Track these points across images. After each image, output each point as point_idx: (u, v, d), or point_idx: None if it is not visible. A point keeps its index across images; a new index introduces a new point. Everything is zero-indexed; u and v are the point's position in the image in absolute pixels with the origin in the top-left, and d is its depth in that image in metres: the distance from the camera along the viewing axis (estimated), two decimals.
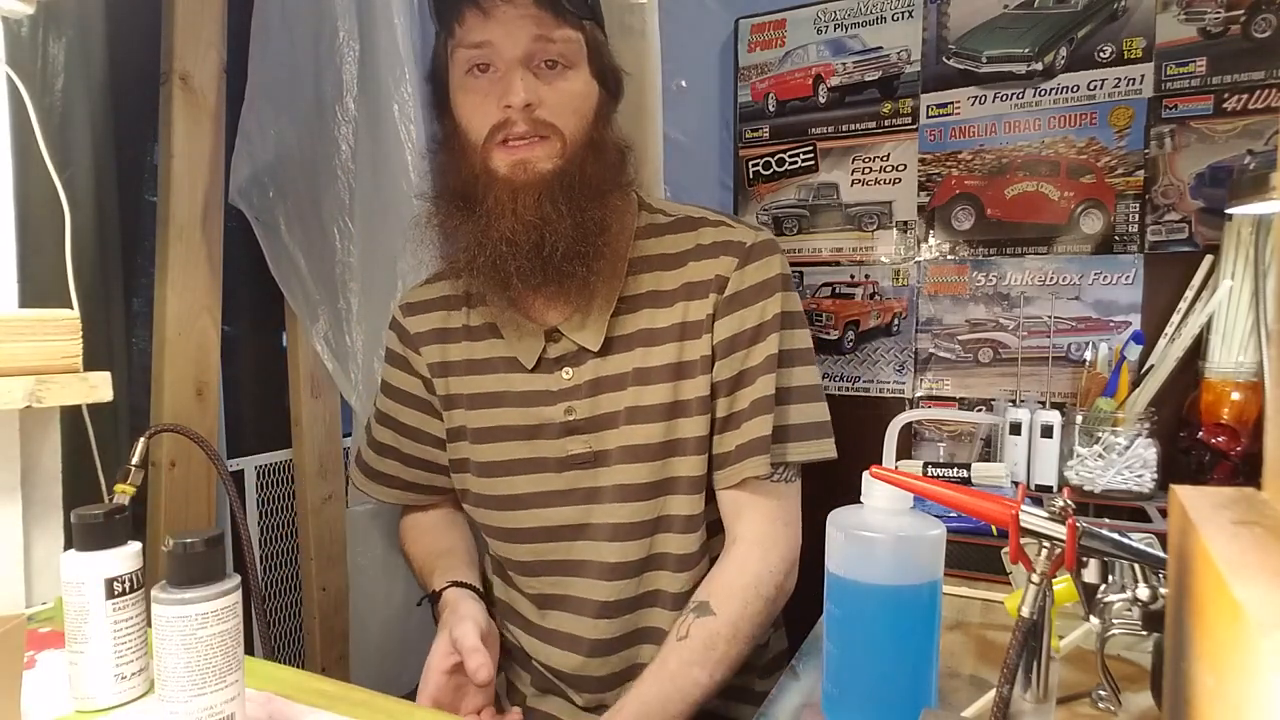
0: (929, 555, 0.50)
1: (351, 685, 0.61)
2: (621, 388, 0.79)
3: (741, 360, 0.78)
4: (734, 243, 0.79)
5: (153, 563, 0.97)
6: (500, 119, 0.72)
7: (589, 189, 0.74)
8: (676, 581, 0.79)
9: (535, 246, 0.72)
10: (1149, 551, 0.53)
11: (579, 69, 0.75)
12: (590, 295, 0.78)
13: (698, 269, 0.79)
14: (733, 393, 0.78)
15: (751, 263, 0.79)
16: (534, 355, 0.80)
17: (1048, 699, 0.54)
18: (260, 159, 1.22)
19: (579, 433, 0.79)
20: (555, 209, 0.72)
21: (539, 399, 0.81)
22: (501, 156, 0.73)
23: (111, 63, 1.03)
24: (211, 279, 1.11)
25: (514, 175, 0.73)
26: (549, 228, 0.72)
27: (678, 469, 0.78)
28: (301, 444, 1.32)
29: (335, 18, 1.23)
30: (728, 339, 0.78)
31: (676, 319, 0.78)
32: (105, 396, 0.69)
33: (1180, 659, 0.35)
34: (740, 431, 0.77)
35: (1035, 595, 0.50)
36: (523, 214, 0.72)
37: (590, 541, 0.80)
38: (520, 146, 0.73)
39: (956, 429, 1.28)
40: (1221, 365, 1.02)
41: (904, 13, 1.28)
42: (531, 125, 0.72)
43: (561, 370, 0.80)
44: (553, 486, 0.81)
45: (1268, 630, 0.22)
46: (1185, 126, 1.10)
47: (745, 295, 0.78)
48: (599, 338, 0.78)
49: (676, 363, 0.78)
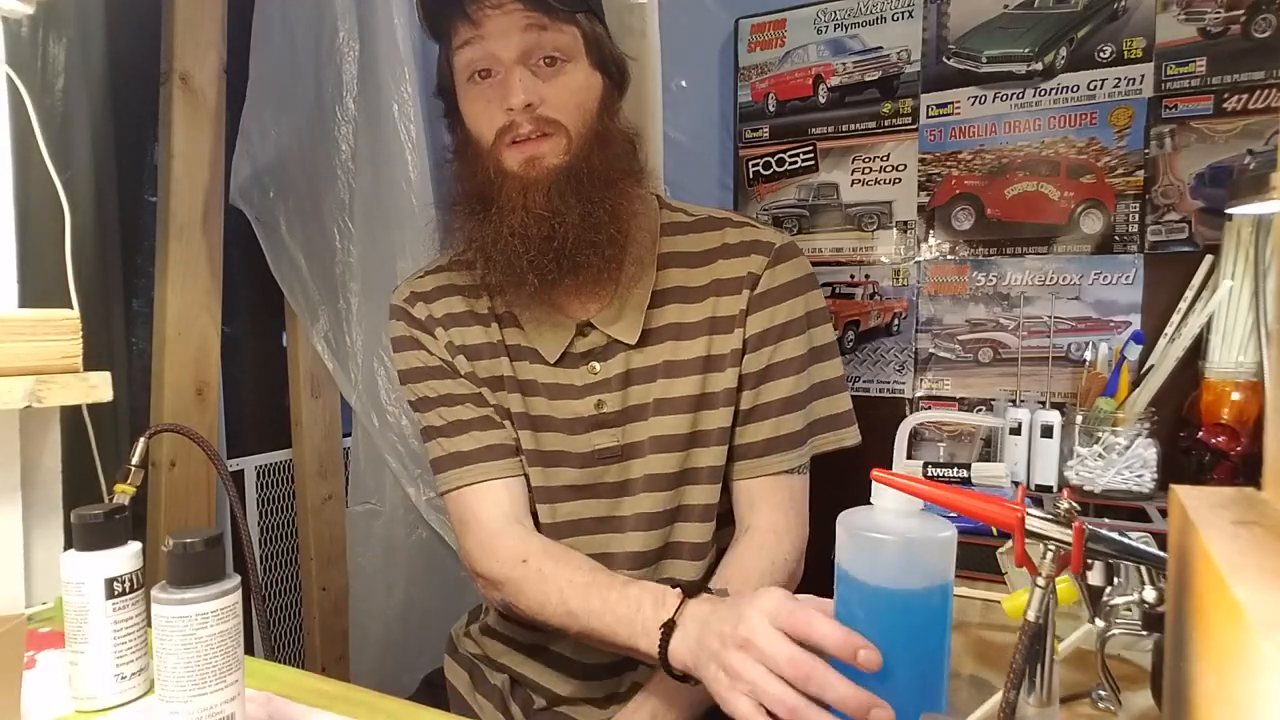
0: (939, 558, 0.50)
1: (351, 685, 0.61)
2: (651, 380, 0.80)
3: (769, 355, 0.80)
4: (763, 242, 0.82)
5: (153, 563, 0.97)
6: (505, 121, 0.74)
7: (598, 180, 0.75)
8: (690, 570, 0.81)
9: (546, 238, 0.74)
10: (1155, 554, 0.53)
11: (578, 61, 0.76)
12: (624, 288, 0.80)
13: (727, 266, 0.81)
14: (758, 386, 0.80)
15: (782, 262, 0.81)
16: (558, 349, 0.81)
17: (1051, 702, 0.54)
18: (260, 159, 1.22)
19: (608, 426, 0.80)
20: (564, 202, 0.74)
21: (564, 393, 0.81)
22: (511, 155, 0.75)
23: (111, 63, 1.03)
24: (211, 279, 1.12)
25: (524, 172, 0.74)
26: (558, 219, 0.74)
27: (700, 459, 0.80)
28: (301, 444, 1.32)
29: (335, 18, 1.23)
30: (758, 334, 0.80)
31: (707, 314, 0.80)
32: (105, 396, 0.69)
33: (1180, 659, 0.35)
34: (766, 426, 0.79)
35: (1040, 599, 0.50)
36: (532, 208, 0.73)
37: (616, 534, 0.82)
38: (527, 144, 0.74)
39: (956, 429, 1.28)
40: (1221, 365, 1.02)
41: (904, 13, 1.28)
42: (535, 124, 0.74)
43: (589, 364, 0.81)
44: (575, 480, 0.81)
45: (1268, 630, 0.22)
46: (1185, 126, 1.10)
47: (777, 293, 0.81)
48: (635, 331, 0.80)
49: (705, 356, 0.80)
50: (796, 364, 0.80)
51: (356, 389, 1.29)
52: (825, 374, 0.83)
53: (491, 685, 0.88)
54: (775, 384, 0.80)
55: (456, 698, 0.91)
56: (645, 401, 0.80)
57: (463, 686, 0.91)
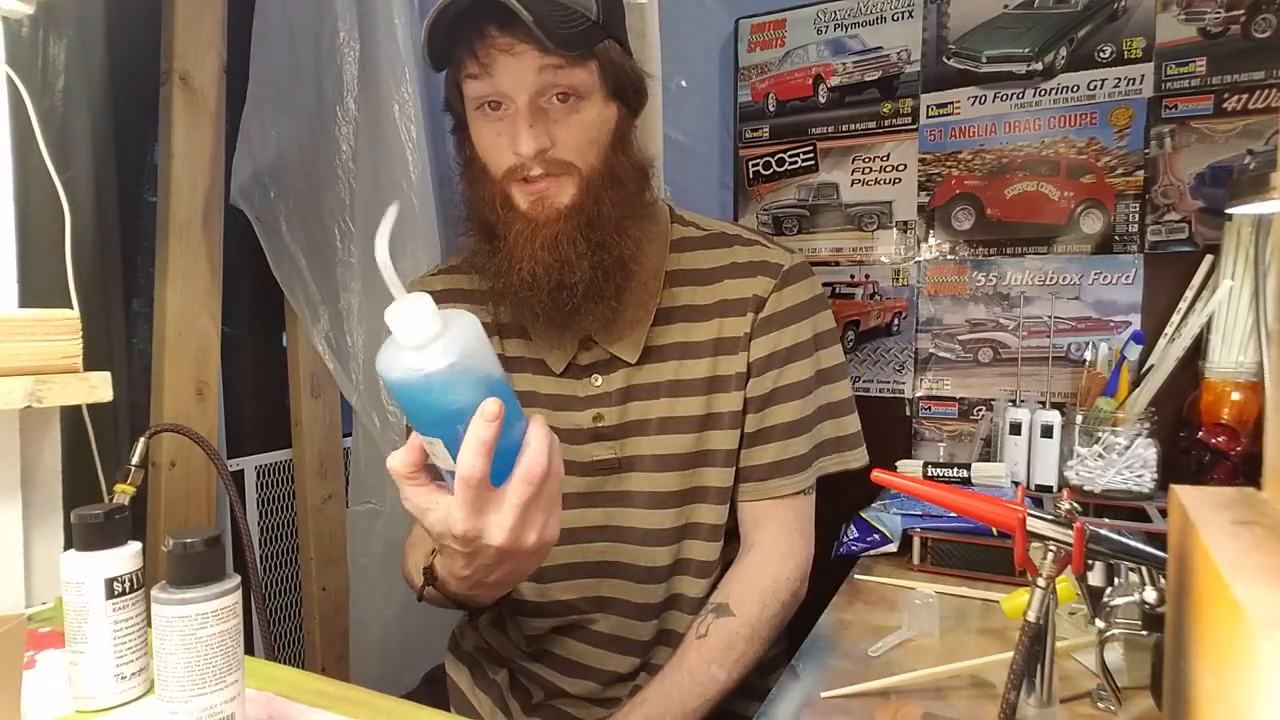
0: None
1: (351, 685, 0.61)
2: (654, 397, 0.80)
3: (774, 379, 0.79)
4: (770, 264, 0.81)
5: (153, 563, 0.97)
6: (514, 163, 0.72)
7: (608, 224, 0.73)
8: (696, 587, 0.81)
9: (555, 287, 0.72)
10: (1155, 554, 0.53)
11: (593, 97, 0.72)
12: (629, 308, 0.79)
13: (734, 287, 0.80)
14: (763, 409, 0.79)
15: (789, 285, 0.80)
16: (563, 360, 0.81)
17: (1051, 703, 0.54)
18: (261, 159, 1.22)
19: (605, 439, 0.80)
20: (574, 249, 0.71)
21: (566, 403, 0.81)
22: (520, 193, 0.73)
23: (111, 63, 1.03)
24: (211, 279, 1.12)
25: (532, 212, 0.72)
26: (567, 269, 0.71)
27: (707, 479, 0.80)
28: (301, 444, 1.32)
29: (335, 18, 1.23)
30: (763, 358, 0.79)
31: (712, 334, 0.80)
32: (105, 396, 0.69)
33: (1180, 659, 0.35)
34: (772, 449, 0.79)
35: (1041, 600, 0.50)
36: (540, 255, 0.71)
37: (622, 544, 0.82)
38: (538, 183, 0.72)
39: (956, 429, 1.28)
40: (1221, 365, 1.02)
41: (904, 13, 1.28)
42: (546, 166, 0.71)
43: (590, 376, 0.81)
44: (574, 489, 0.82)
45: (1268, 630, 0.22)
46: (1185, 126, 1.10)
47: (782, 317, 0.80)
48: (636, 350, 0.79)
49: (711, 376, 0.79)
50: (802, 388, 0.80)
51: (357, 389, 1.29)
52: (833, 395, 0.83)
53: (491, 680, 0.89)
54: (780, 408, 0.79)
55: (457, 694, 0.91)
56: (646, 418, 0.80)
57: (463, 683, 0.91)
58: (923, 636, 0.78)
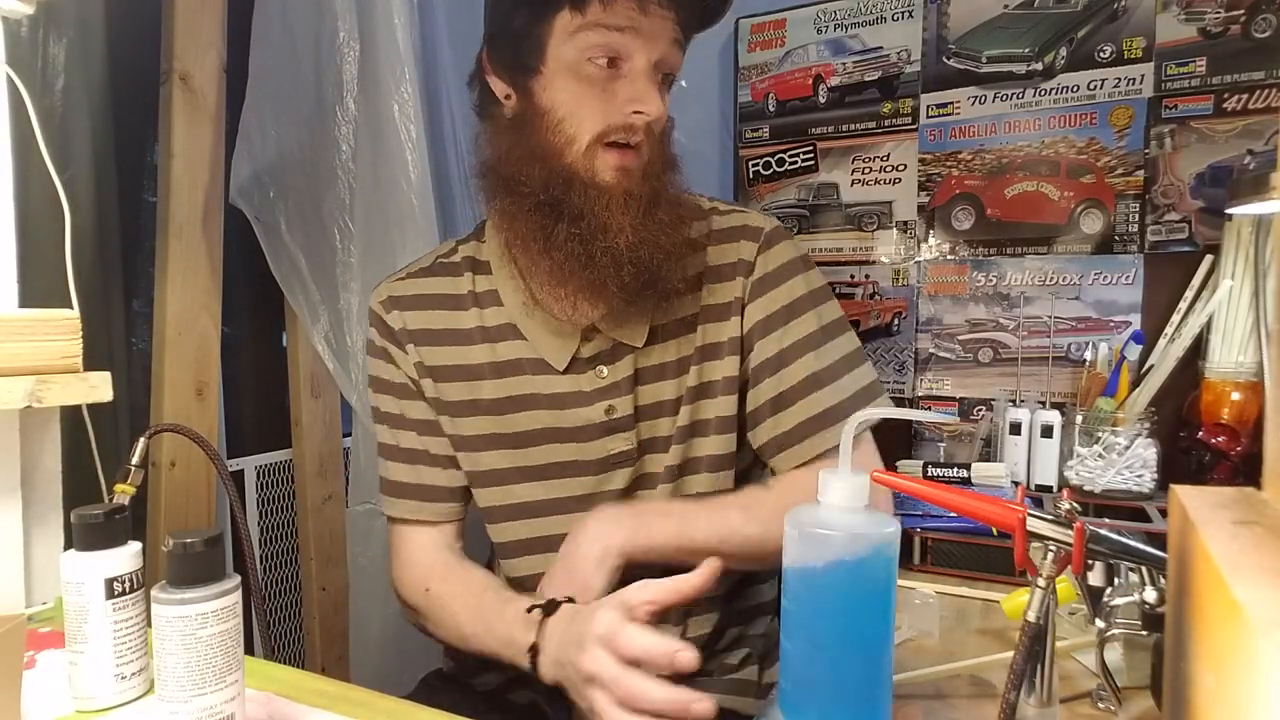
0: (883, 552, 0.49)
1: (351, 685, 0.61)
2: (663, 379, 0.79)
3: (779, 339, 0.78)
4: (750, 227, 0.81)
5: (153, 563, 0.97)
6: (623, 122, 0.70)
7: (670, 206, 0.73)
8: None
9: (642, 262, 0.71)
10: (1155, 554, 0.53)
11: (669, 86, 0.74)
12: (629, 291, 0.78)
13: (717, 253, 0.80)
14: (778, 371, 0.78)
15: (774, 246, 0.80)
16: (566, 355, 0.79)
17: (1051, 703, 0.54)
18: (260, 159, 1.22)
19: (621, 430, 0.79)
20: (656, 221, 0.71)
21: (573, 400, 0.79)
22: (606, 161, 0.70)
23: (111, 63, 1.03)
24: (211, 279, 1.11)
25: (617, 182, 0.71)
26: (651, 244, 0.71)
27: (699, 449, 0.79)
28: (301, 444, 1.32)
29: (335, 18, 1.23)
30: (762, 320, 0.78)
31: (701, 303, 0.80)
32: (105, 396, 0.69)
33: (1180, 659, 0.35)
34: (799, 408, 0.77)
35: (1041, 600, 0.50)
36: (629, 230, 0.70)
37: None
38: (627, 153, 0.71)
39: (956, 429, 1.28)
40: (1221, 365, 1.02)
41: (904, 13, 1.28)
42: (644, 136, 0.71)
43: (596, 369, 0.79)
44: (587, 490, 0.80)
45: (1268, 630, 0.22)
46: (1185, 126, 1.10)
47: (773, 276, 0.79)
48: (642, 333, 0.78)
49: (701, 345, 0.79)
50: (812, 340, 0.77)
51: (357, 389, 1.29)
52: (845, 347, 0.80)
53: (491, 680, 0.88)
54: (795, 366, 0.77)
55: (455, 693, 0.91)
56: (658, 400, 0.79)
57: (463, 682, 0.91)
58: (923, 636, 0.78)
